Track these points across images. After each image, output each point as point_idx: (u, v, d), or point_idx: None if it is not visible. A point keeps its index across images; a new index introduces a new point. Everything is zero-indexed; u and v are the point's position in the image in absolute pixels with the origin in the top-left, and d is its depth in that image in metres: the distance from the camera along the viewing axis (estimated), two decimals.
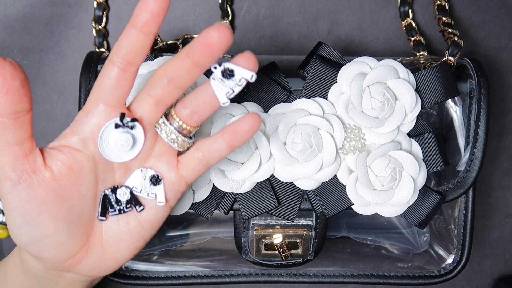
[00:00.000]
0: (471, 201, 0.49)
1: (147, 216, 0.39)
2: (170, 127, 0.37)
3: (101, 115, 0.35)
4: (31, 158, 0.35)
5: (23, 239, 0.36)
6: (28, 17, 0.56)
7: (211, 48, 0.32)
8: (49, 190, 0.35)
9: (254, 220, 0.47)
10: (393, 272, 0.51)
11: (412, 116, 0.44)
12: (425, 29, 0.58)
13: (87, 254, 0.38)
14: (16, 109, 0.32)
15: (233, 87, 0.35)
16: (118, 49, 0.34)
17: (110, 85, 0.35)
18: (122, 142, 0.36)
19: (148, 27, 0.33)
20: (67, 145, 0.36)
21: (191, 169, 0.38)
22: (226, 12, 0.56)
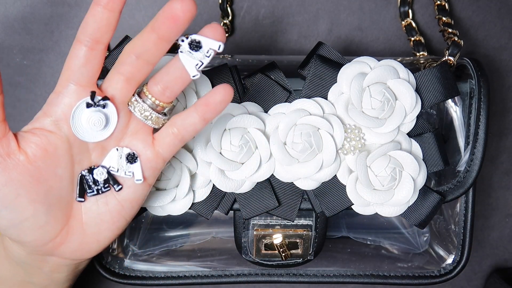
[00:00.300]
0: (471, 201, 0.49)
1: (126, 195, 0.39)
2: (143, 104, 0.37)
3: (72, 95, 0.36)
4: (5, 142, 0.35)
5: (2, 223, 0.36)
6: (28, 17, 0.56)
7: (175, 19, 0.33)
8: (25, 173, 0.35)
9: (254, 220, 0.47)
10: (393, 272, 0.51)
11: (412, 116, 0.44)
12: (425, 29, 0.58)
13: (67, 236, 0.38)
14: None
15: (201, 58, 0.35)
16: (84, 27, 0.34)
17: (79, 65, 0.35)
18: (94, 121, 0.36)
19: (112, 4, 0.33)
20: (40, 127, 0.36)
21: (167, 144, 0.38)
22: (226, 12, 0.56)
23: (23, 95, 0.57)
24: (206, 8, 0.57)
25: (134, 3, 0.56)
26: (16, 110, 0.57)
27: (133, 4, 0.56)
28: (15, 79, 0.57)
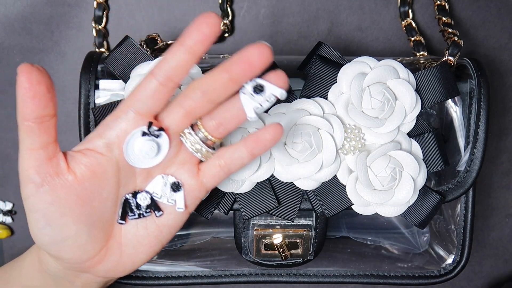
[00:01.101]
0: (471, 201, 0.49)
1: (165, 221, 0.39)
2: (196, 137, 0.37)
3: (130, 122, 0.36)
4: (55, 162, 0.35)
5: (44, 239, 0.36)
6: (28, 17, 0.56)
7: (251, 66, 0.33)
8: (72, 193, 0.36)
9: (254, 220, 0.47)
10: (393, 272, 0.51)
11: (412, 116, 0.44)
12: (425, 29, 0.58)
13: (106, 256, 0.39)
14: (41, 113, 0.33)
15: (262, 102, 0.35)
16: (162, 63, 0.35)
17: (146, 96, 0.35)
18: (147, 149, 0.36)
19: (196, 48, 0.34)
20: (91, 148, 0.36)
21: (212, 176, 0.39)
22: (226, 12, 0.56)
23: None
24: (206, 8, 0.57)
25: (134, 3, 0.56)
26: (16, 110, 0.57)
27: (133, 4, 0.56)
28: (15, 79, 0.56)
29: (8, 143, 0.57)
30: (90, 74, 0.47)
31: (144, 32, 0.56)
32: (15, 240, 0.59)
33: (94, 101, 0.47)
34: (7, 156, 0.58)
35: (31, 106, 0.33)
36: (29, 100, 0.33)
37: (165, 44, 0.54)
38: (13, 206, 0.59)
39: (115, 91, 0.48)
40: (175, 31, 0.57)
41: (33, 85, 0.32)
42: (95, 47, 0.56)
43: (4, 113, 0.57)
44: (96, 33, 0.56)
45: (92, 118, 0.46)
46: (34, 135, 0.34)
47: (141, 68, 0.44)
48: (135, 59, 0.44)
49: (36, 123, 0.33)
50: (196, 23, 0.33)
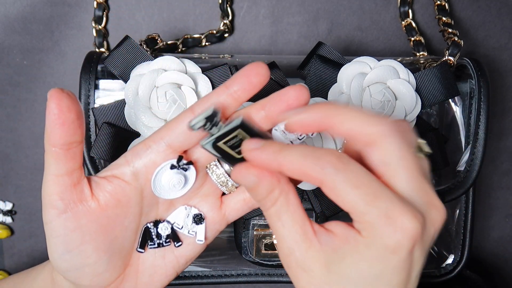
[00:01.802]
0: (471, 201, 0.49)
1: (183, 252, 0.39)
2: (222, 170, 0.37)
3: (160, 154, 0.35)
4: (79, 188, 0.35)
5: (63, 265, 0.36)
6: (28, 17, 0.56)
7: (288, 106, 0.33)
8: (94, 221, 0.35)
9: (254, 220, 0.47)
10: None
11: (412, 116, 0.44)
12: (425, 29, 0.58)
13: (122, 283, 0.38)
14: (69, 140, 0.33)
15: (293, 140, 0.35)
16: (204, 102, 0.34)
17: (180, 132, 0.35)
18: (175, 182, 0.36)
19: (240, 94, 0.34)
20: (117, 175, 0.36)
21: (235, 210, 0.38)
22: (226, 12, 0.56)
23: (23, 95, 0.57)
24: (206, 8, 0.57)
25: (134, 3, 0.56)
26: (16, 110, 0.57)
27: (133, 4, 0.56)
28: (15, 79, 0.57)
29: (8, 143, 0.57)
30: (90, 74, 0.47)
31: (144, 32, 0.56)
32: (15, 240, 0.59)
33: (94, 101, 0.47)
34: (7, 156, 0.58)
35: (60, 133, 0.32)
36: (58, 127, 0.32)
37: (165, 44, 0.54)
38: (13, 206, 0.59)
39: (115, 91, 0.48)
40: (175, 31, 0.57)
41: (63, 112, 0.32)
42: (95, 47, 0.56)
43: (4, 113, 0.57)
44: (96, 33, 0.56)
45: (92, 118, 0.46)
46: (61, 161, 0.33)
47: (141, 68, 0.44)
48: (135, 59, 0.44)
49: (63, 150, 0.33)
50: (246, 70, 0.33)
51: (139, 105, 0.43)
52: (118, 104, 0.45)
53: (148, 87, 0.43)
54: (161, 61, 0.43)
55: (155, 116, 0.42)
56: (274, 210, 0.32)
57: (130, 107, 0.44)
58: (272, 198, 0.32)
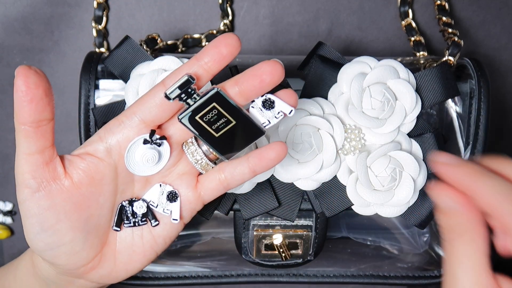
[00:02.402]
0: None
1: (161, 231, 0.39)
2: (198, 148, 0.37)
3: (133, 129, 0.35)
4: (52, 166, 0.35)
5: (39, 245, 0.36)
6: (28, 17, 0.56)
7: (262, 81, 0.33)
8: (68, 199, 0.35)
9: (254, 220, 0.47)
10: (393, 272, 0.51)
11: (412, 116, 0.44)
12: (425, 29, 0.58)
13: (100, 262, 0.38)
14: (39, 117, 0.33)
15: (270, 118, 0.35)
16: (175, 74, 0.34)
17: (153, 104, 0.35)
18: (148, 157, 0.36)
19: (210, 65, 0.34)
20: (91, 152, 0.36)
21: (211, 189, 0.38)
22: (226, 12, 0.56)
23: None
24: (206, 8, 0.57)
25: (134, 3, 0.56)
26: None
27: (133, 4, 0.56)
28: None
29: (8, 143, 0.57)
30: (90, 74, 0.47)
31: (144, 32, 0.56)
32: (15, 240, 0.59)
33: (94, 101, 0.47)
34: (7, 156, 0.58)
35: (28, 110, 0.32)
36: (26, 104, 0.32)
37: (165, 44, 0.54)
38: (13, 207, 0.59)
39: (115, 91, 0.48)
40: (175, 31, 0.57)
41: (30, 89, 0.32)
42: (95, 47, 0.56)
43: (4, 113, 0.57)
44: (96, 33, 0.56)
45: (92, 118, 0.46)
46: (31, 139, 0.33)
47: (141, 68, 0.44)
48: (135, 59, 0.44)
49: (33, 127, 0.33)
50: (215, 42, 0.33)
51: None
52: (118, 104, 0.45)
53: (148, 87, 0.43)
54: (161, 61, 0.43)
55: None
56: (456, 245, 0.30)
57: None
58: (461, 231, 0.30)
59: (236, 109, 0.35)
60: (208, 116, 0.35)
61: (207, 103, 0.34)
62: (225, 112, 0.35)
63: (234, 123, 0.35)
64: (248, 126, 0.36)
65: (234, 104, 0.35)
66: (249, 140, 0.36)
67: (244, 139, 0.36)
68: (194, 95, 0.34)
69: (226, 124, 0.36)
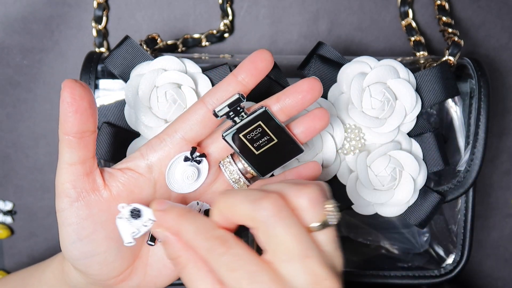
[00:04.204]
0: (471, 201, 0.49)
1: None
2: (235, 167, 0.37)
3: (175, 146, 0.36)
4: (91, 177, 0.36)
5: (74, 253, 0.37)
6: (28, 17, 0.56)
7: (303, 98, 0.35)
8: (106, 210, 0.36)
9: None
10: (393, 272, 0.51)
11: (412, 116, 0.44)
12: (425, 29, 0.58)
13: (130, 275, 0.39)
14: (82, 128, 0.34)
15: (139, 227, 0.36)
16: (214, 92, 0.35)
17: (194, 121, 0.36)
18: (188, 174, 0.36)
19: (248, 80, 0.35)
20: (132, 168, 0.37)
21: None
22: (226, 12, 0.56)
23: (23, 95, 0.57)
24: (206, 8, 0.57)
25: (134, 3, 0.56)
26: (16, 110, 0.57)
27: (133, 4, 0.56)
28: (15, 79, 0.57)
29: (8, 143, 0.57)
30: (90, 74, 0.47)
31: (144, 32, 0.56)
32: (15, 240, 0.59)
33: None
34: (7, 156, 0.58)
35: (73, 121, 0.33)
36: (71, 115, 0.33)
37: (165, 44, 0.54)
38: (13, 206, 0.59)
39: (115, 91, 0.48)
40: (175, 31, 0.57)
41: (75, 100, 0.33)
42: (95, 47, 0.56)
43: (4, 113, 0.57)
44: (96, 33, 0.56)
45: None
46: (74, 149, 0.34)
47: (141, 68, 0.44)
48: (135, 59, 0.44)
49: (76, 138, 0.34)
50: (252, 57, 0.34)
51: (139, 105, 0.43)
52: (118, 104, 0.45)
53: (148, 87, 0.43)
54: (161, 61, 0.43)
55: (155, 116, 0.42)
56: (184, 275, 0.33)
57: (130, 107, 0.44)
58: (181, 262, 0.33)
59: (280, 128, 0.36)
60: (252, 134, 0.36)
61: (253, 121, 0.36)
62: (269, 130, 0.36)
63: (275, 141, 0.36)
64: (288, 144, 0.37)
65: (279, 122, 0.36)
66: (287, 158, 0.37)
67: (283, 157, 0.37)
68: (242, 113, 0.35)
69: (268, 142, 0.36)
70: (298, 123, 0.37)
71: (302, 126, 0.37)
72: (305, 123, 0.37)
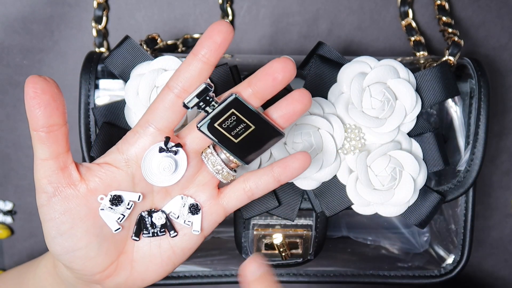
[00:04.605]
0: (471, 201, 0.49)
1: (180, 243, 0.39)
2: (217, 158, 0.37)
3: (149, 138, 0.36)
4: (67, 172, 0.35)
5: (56, 249, 0.37)
6: (28, 17, 0.56)
7: (275, 80, 0.34)
8: (83, 204, 0.36)
9: (254, 220, 0.47)
10: (393, 272, 0.51)
11: (412, 116, 0.44)
12: (425, 29, 0.58)
13: (116, 270, 0.38)
14: (48, 122, 0.34)
15: (123, 211, 0.36)
16: (176, 75, 0.35)
17: (163, 109, 0.35)
18: (164, 166, 0.36)
19: (209, 56, 0.34)
20: (110, 162, 0.37)
21: (235, 199, 0.38)
22: (226, 12, 0.56)
23: (23, 95, 0.57)
24: (206, 8, 0.57)
25: (134, 3, 0.56)
26: (16, 110, 0.57)
27: (133, 4, 0.56)
28: (15, 79, 0.57)
29: (8, 143, 0.57)
30: (90, 74, 0.47)
31: (144, 32, 0.56)
32: (15, 240, 0.59)
33: (94, 101, 0.47)
34: (7, 156, 0.58)
35: (37, 115, 0.33)
36: (34, 109, 0.33)
37: (165, 44, 0.54)
38: (13, 206, 0.59)
39: (115, 91, 0.48)
40: (175, 31, 0.57)
41: (37, 94, 0.33)
42: (95, 47, 0.56)
43: (4, 113, 0.57)
44: (96, 33, 0.56)
45: (92, 118, 0.46)
46: (44, 145, 0.34)
47: (141, 68, 0.44)
48: (135, 59, 0.44)
49: (44, 132, 0.34)
50: (208, 32, 0.33)
51: (139, 105, 0.43)
52: (118, 104, 0.45)
53: (148, 87, 0.43)
54: (161, 61, 0.43)
55: None
56: None
57: (130, 107, 0.44)
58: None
59: (254, 113, 0.35)
60: (227, 122, 0.35)
61: (225, 109, 0.35)
62: (244, 118, 0.35)
63: (253, 128, 0.36)
64: (267, 129, 0.36)
65: (253, 108, 0.35)
66: (268, 143, 0.37)
67: (264, 143, 0.37)
68: (212, 102, 0.34)
69: (245, 129, 0.36)
70: (277, 107, 0.36)
71: (280, 110, 0.36)
72: (284, 107, 0.36)
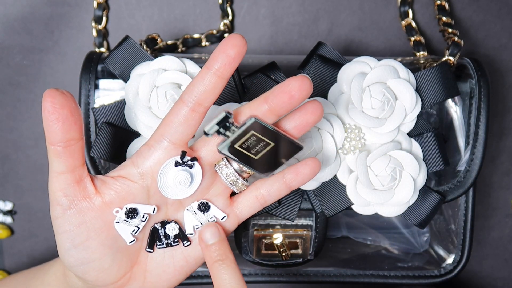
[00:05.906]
0: (471, 201, 0.49)
1: (193, 252, 0.39)
2: (231, 169, 0.37)
3: (163, 152, 0.36)
4: (82, 185, 0.36)
5: (70, 260, 0.37)
6: (28, 17, 0.56)
7: (291, 97, 0.34)
8: (98, 217, 0.36)
9: (254, 220, 0.47)
10: (393, 272, 0.51)
11: (412, 116, 0.44)
12: (425, 29, 0.58)
13: (129, 281, 0.39)
14: (66, 137, 0.34)
15: (138, 224, 0.37)
16: (190, 89, 0.35)
17: (177, 123, 0.35)
18: (180, 179, 0.36)
19: (223, 70, 0.34)
20: (125, 176, 0.37)
21: (248, 207, 0.39)
22: (226, 12, 0.56)
23: (23, 95, 0.57)
24: (206, 8, 0.57)
25: (134, 3, 0.56)
26: (16, 110, 0.57)
27: (133, 4, 0.56)
28: (15, 79, 0.57)
29: (8, 143, 0.57)
30: (90, 74, 0.47)
31: (144, 32, 0.56)
32: (15, 240, 0.59)
33: (94, 101, 0.47)
34: (7, 156, 0.58)
35: (55, 130, 0.33)
36: (52, 124, 0.33)
37: (165, 44, 0.54)
38: (13, 206, 0.59)
39: (115, 91, 0.48)
40: (175, 31, 0.57)
41: (56, 109, 0.33)
42: (95, 47, 0.56)
43: (4, 113, 0.57)
44: (96, 33, 0.56)
45: (92, 118, 0.46)
46: (60, 159, 0.34)
47: (141, 68, 0.44)
48: (135, 59, 0.44)
49: (61, 147, 0.34)
50: (222, 46, 0.33)
51: (139, 105, 0.43)
52: (118, 104, 0.45)
53: (148, 87, 0.43)
54: (161, 61, 0.43)
55: (155, 116, 0.42)
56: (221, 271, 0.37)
57: (130, 107, 0.44)
58: None
59: (274, 132, 0.36)
60: (247, 143, 0.36)
61: (245, 132, 0.35)
62: (263, 137, 0.36)
63: (272, 145, 0.36)
64: (286, 144, 0.37)
65: (272, 128, 0.35)
66: (287, 156, 0.37)
67: (283, 157, 0.37)
68: (232, 127, 0.35)
69: (265, 147, 0.36)
70: (290, 118, 0.36)
71: (294, 121, 0.36)
72: (297, 118, 0.36)
